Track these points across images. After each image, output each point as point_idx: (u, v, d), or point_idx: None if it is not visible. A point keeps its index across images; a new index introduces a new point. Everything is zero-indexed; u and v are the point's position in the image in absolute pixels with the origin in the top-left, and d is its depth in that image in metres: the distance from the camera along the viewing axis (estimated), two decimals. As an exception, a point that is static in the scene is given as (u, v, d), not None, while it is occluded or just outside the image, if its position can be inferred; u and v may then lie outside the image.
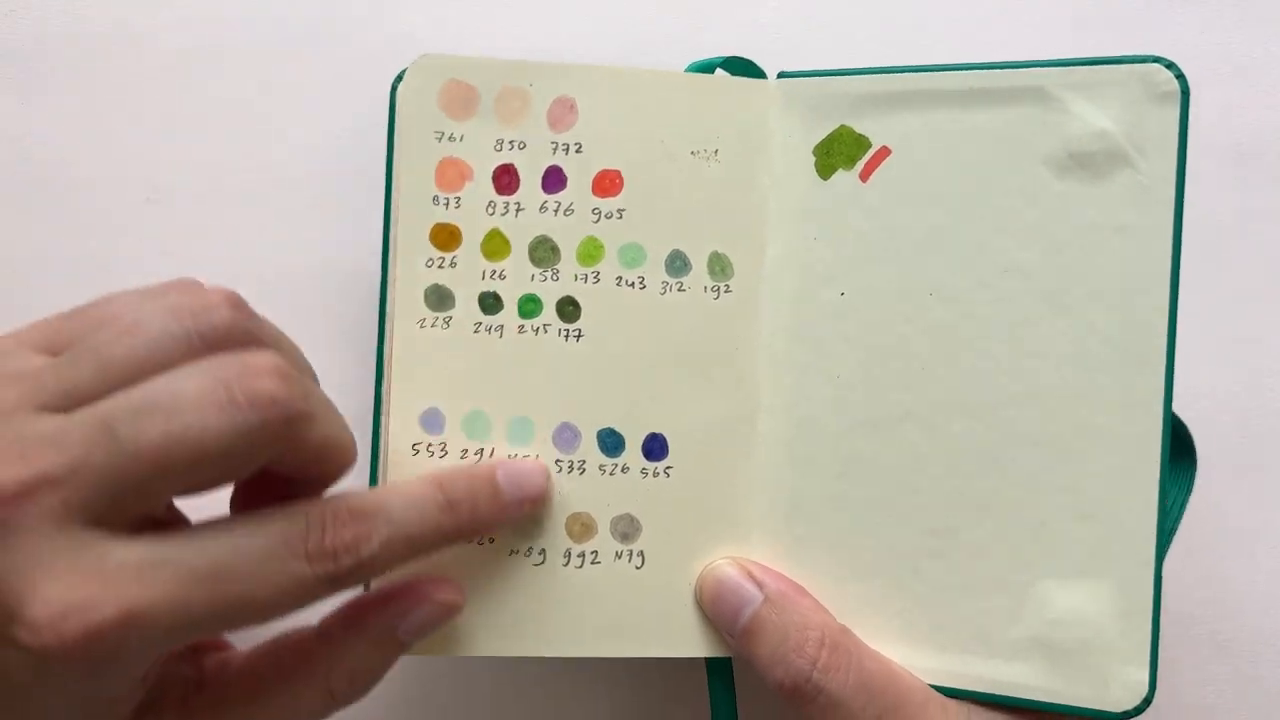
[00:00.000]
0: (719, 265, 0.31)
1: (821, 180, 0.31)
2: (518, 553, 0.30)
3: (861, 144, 0.31)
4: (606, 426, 0.31)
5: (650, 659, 0.30)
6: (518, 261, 0.31)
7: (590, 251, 0.31)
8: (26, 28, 0.36)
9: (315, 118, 0.36)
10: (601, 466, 0.30)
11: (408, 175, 0.30)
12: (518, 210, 0.31)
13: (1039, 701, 0.29)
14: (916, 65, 0.30)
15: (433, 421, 0.30)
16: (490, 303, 0.30)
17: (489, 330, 0.30)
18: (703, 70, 0.32)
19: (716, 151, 0.31)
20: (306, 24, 0.36)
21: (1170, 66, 0.28)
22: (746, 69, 0.32)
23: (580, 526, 0.30)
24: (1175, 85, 0.28)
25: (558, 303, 0.31)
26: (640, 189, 0.31)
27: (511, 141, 0.30)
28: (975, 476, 0.30)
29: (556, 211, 0.31)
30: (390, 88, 0.30)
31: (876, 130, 0.30)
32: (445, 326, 0.30)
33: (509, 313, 0.30)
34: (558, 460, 0.30)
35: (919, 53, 0.37)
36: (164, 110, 0.36)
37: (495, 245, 0.30)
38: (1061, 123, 0.29)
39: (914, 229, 0.30)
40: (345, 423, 0.26)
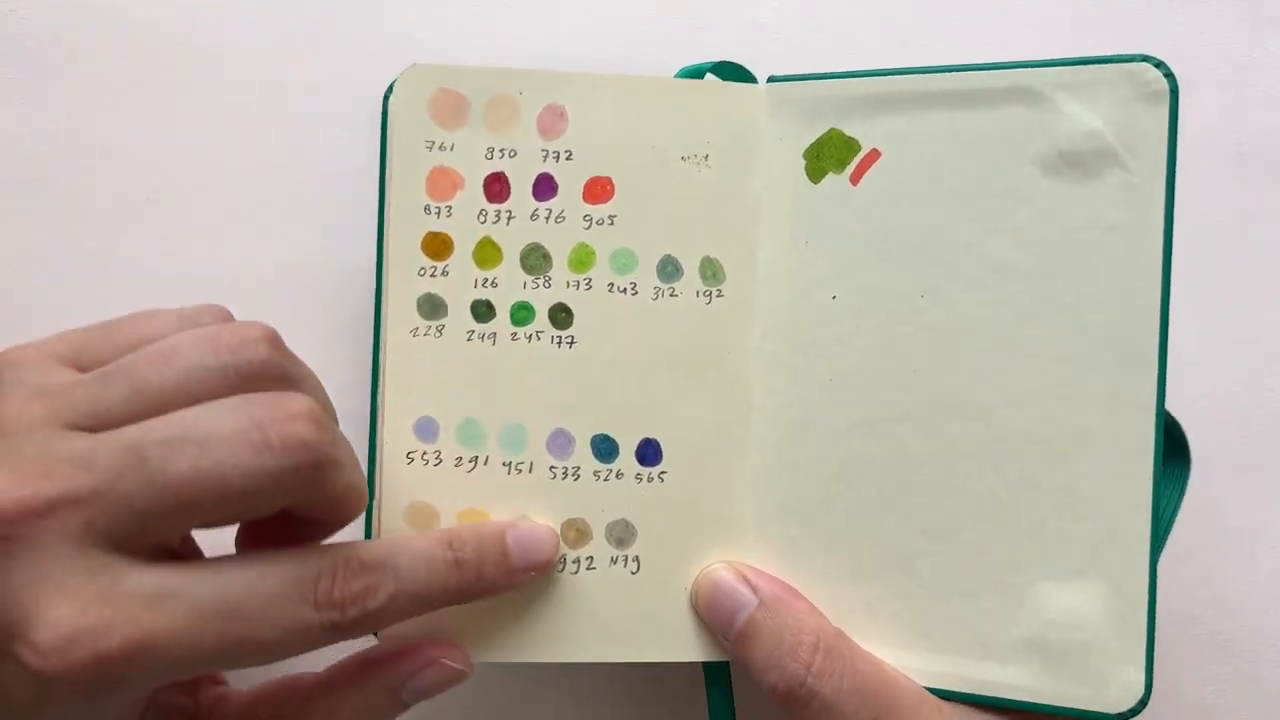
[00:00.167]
0: (710, 270, 0.31)
1: (812, 184, 0.31)
2: (513, 559, 0.30)
3: (851, 147, 0.31)
4: (600, 432, 0.31)
5: (647, 664, 0.30)
6: (509, 269, 0.31)
7: (582, 258, 0.31)
8: (26, 28, 0.36)
9: (315, 117, 0.36)
10: (596, 472, 0.31)
11: (399, 185, 0.30)
12: (509, 218, 0.31)
13: (1034, 703, 0.29)
14: (905, 67, 0.30)
15: (427, 430, 0.30)
16: (483, 311, 0.31)
17: (482, 338, 0.31)
18: (692, 75, 0.32)
19: (707, 157, 0.31)
20: (306, 24, 0.36)
21: (1159, 65, 0.28)
22: (736, 74, 0.32)
23: (575, 532, 0.30)
24: (1165, 84, 0.28)
25: (550, 310, 0.31)
26: (631, 195, 0.31)
27: (502, 150, 0.31)
28: (968, 478, 0.30)
29: (548, 219, 0.31)
30: (382, 98, 0.30)
31: (866, 133, 0.30)
32: (438, 335, 0.30)
33: (501, 320, 0.31)
34: (552, 467, 0.30)
35: (919, 53, 0.37)
36: (164, 110, 0.36)
37: (487, 253, 0.31)
38: (1051, 123, 0.29)
39: (905, 231, 0.30)
40: (362, 469, 0.26)
